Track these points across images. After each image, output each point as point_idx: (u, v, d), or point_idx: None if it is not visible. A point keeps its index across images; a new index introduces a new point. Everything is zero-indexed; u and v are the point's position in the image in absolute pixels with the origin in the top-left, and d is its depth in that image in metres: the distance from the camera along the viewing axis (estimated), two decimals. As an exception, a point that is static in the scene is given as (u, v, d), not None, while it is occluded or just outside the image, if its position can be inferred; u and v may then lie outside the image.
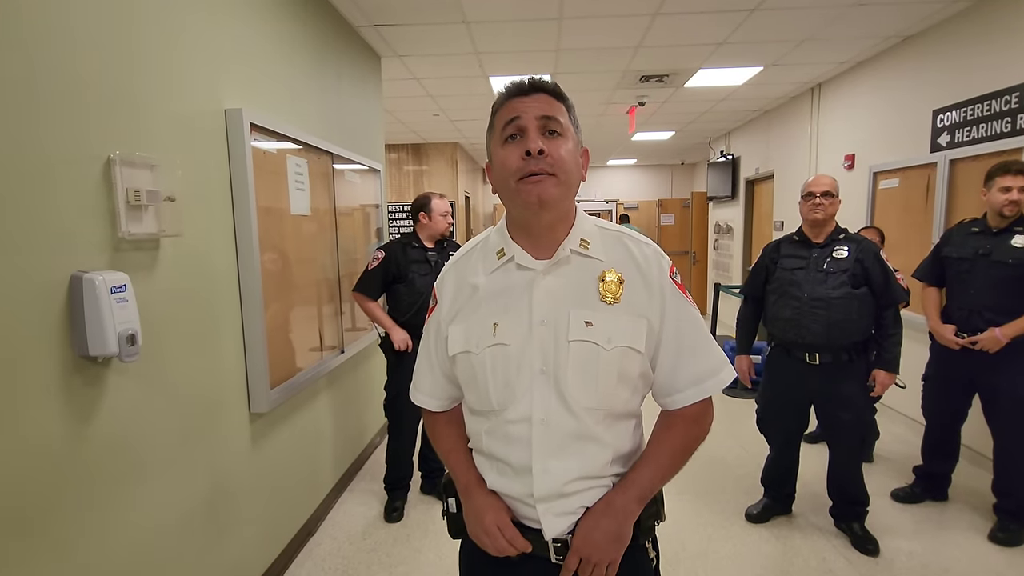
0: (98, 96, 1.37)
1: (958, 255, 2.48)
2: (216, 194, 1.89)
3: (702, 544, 2.47)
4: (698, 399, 0.95)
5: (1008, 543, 2.37)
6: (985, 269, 2.38)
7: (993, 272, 2.36)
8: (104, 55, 1.39)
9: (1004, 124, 2.93)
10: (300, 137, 2.41)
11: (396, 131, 6.61)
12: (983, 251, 2.39)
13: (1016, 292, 2.31)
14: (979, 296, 2.40)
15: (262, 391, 2.06)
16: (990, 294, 2.37)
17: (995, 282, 2.35)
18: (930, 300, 2.62)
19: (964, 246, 2.47)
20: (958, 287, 2.50)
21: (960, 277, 2.48)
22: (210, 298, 1.84)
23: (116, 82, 1.43)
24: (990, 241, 2.39)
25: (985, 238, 2.41)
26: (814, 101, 4.96)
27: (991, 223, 2.42)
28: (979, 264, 2.40)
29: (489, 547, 0.95)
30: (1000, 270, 2.34)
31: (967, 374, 2.48)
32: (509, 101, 0.91)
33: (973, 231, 2.47)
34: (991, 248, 2.37)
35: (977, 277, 2.41)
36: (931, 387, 2.67)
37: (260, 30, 2.19)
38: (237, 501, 1.99)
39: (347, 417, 3.11)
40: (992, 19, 3.01)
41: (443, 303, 1.02)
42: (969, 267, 2.43)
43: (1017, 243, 2.31)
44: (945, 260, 2.55)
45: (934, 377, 2.65)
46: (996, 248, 2.36)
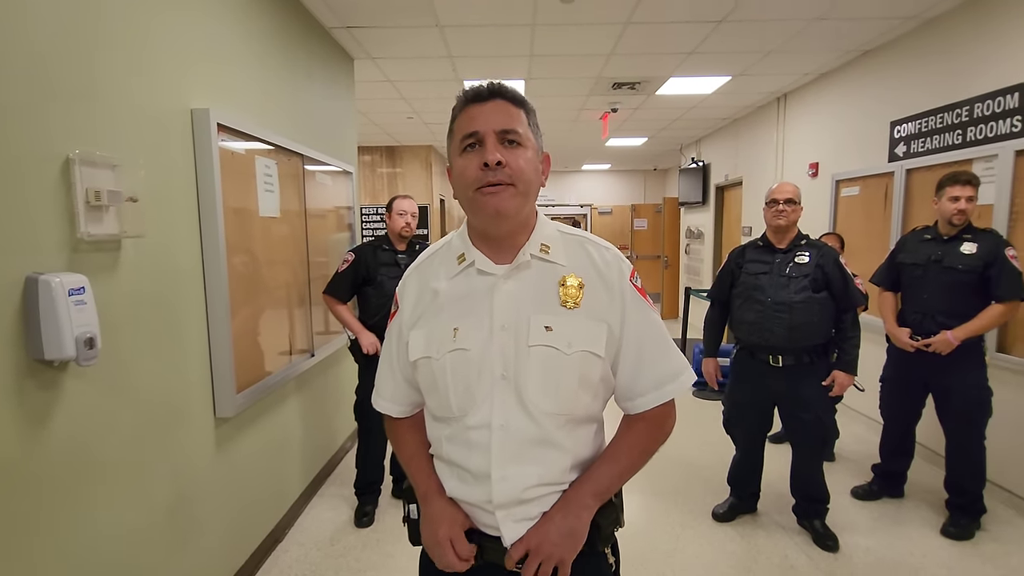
0: (57, 94, 1.34)
1: (912, 261, 2.58)
2: (181, 195, 1.85)
3: (671, 543, 2.52)
4: (659, 403, 0.97)
5: (959, 537, 2.48)
6: (937, 275, 2.47)
7: (944, 277, 2.45)
8: (65, 52, 1.36)
9: (955, 136, 3.07)
10: (269, 138, 2.38)
11: (370, 133, 6.56)
12: (935, 257, 2.48)
13: (966, 296, 2.41)
14: (932, 300, 2.50)
15: (227, 395, 2.03)
16: (942, 298, 2.46)
17: (946, 287, 2.45)
18: (887, 304, 2.70)
19: (917, 252, 2.56)
20: (912, 292, 2.59)
21: (914, 282, 2.57)
22: (174, 301, 1.81)
23: (77, 80, 1.40)
24: (941, 248, 2.48)
25: (936, 245, 2.50)
26: (780, 111, 5.11)
27: (942, 231, 2.51)
28: (931, 270, 2.49)
29: (438, 560, 0.94)
30: (951, 275, 2.43)
31: (922, 375, 2.57)
32: (468, 108, 0.91)
33: (925, 238, 2.57)
34: (942, 255, 2.46)
35: (930, 282, 2.50)
36: (888, 388, 2.77)
37: (229, 29, 2.17)
38: (200, 508, 1.95)
39: (317, 421, 3.08)
40: (944, 36, 3.15)
41: (404, 308, 1.02)
42: (922, 273, 2.53)
43: (966, 250, 2.41)
44: (900, 266, 2.64)
45: (891, 379, 2.75)
46: (947, 255, 2.45)
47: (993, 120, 2.83)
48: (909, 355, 2.57)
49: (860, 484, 2.92)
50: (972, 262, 2.39)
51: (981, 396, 2.46)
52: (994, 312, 2.36)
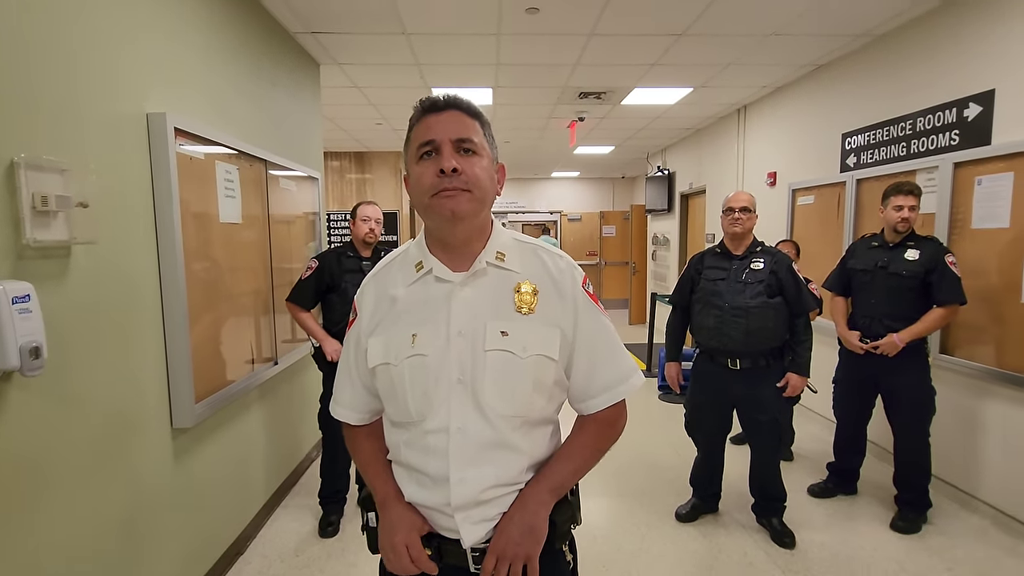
0: (0, 96, 1.30)
1: (861, 267, 2.70)
2: (136, 200, 1.81)
3: (635, 543, 2.56)
4: (611, 403, 1.00)
5: (907, 531, 2.59)
6: (884, 280, 2.59)
7: (891, 283, 2.57)
8: (9, 53, 1.33)
9: (901, 148, 3.23)
10: (230, 143, 2.35)
11: (338, 139, 6.51)
12: (881, 263, 2.61)
13: (910, 300, 2.54)
14: (879, 305, 2.61)
15: (185, 405, 1.98)
16: (889, 303, 2.58)
17: (892, 292, 2.57)
18: (838, 308, 2.83)
19: (866, 259, 2.68)
20: (861, 296, 2.72)
21: (863, 287, 2.70)
22: (128, 309, 1.76)
23: (23, 81, 1.36)
24: (887, 254, 2.60)
25: (883, 251, 2.63)
26: (740, 122, 5.28)
27: (887, 238, 2.64)
28: (879, 275, 2.61)
29: (393, 565, 0.95)
30: (896, 281, 2.55)
31: (871, 376, 2.68)
32: (425, 117, 0.93)
33: (873, 245, 2.69)
34: (888, 261, 2.59)
35: (877, 287, 2.62)
36: (840, 389, 2.89)
37: (188, 33, 2.13)
38: (157, 521, 1.90)
39: (281, 430, 3.02)
40: (890, 54, 3.32)
41: (363, 315, 1.03)
42: (870, 278, 2.65)
43: (910, 256, 2.54)
44: (850, 272, 2.76)
45: (843, 380, 2.86)
46: (893, 261, 2.58)
47: (934, 133, 3.00)
48: (859, 357, 2.68)
49: (816, 482, 3.02)
50: (915, 268, 2.52)
51: (925, 396, 2.58)
52: (936, 315, 2.50)
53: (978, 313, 2.72)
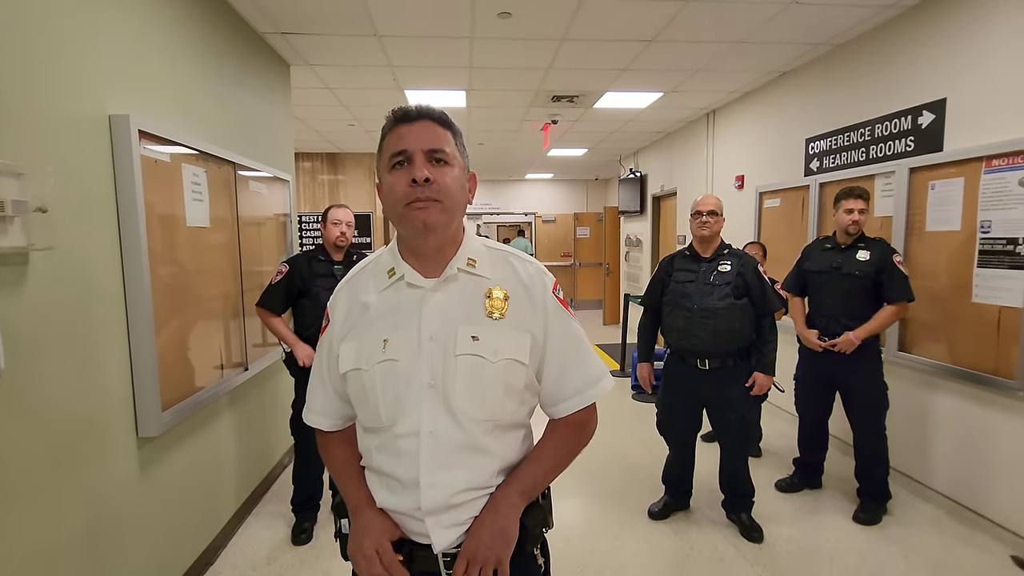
0: (-46, 98, 1.26)
1: (816, 269, 2.80)
2: (99, 205, 1.77)
3: (609, 543, 2.60)
4: (581, 407, 1.02)
5: (868, 522, 2.69)
6: (838, 281, 2.70)
7: (845, 284, 2.68)
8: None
9: (860, 153, 3.36)
10: (197, 145, 2.30)
11: (310, 140, 6.42)
12: (836, 265, 2.71)
13: (864, 300, 2.65)
14: (835, 304, 2.72)
15: (152, 413, 1.94)
16: (844, 302, 2.69)
17: (846, 292, 2.67)
18: (796, 308, 2.93)
19: (820, 261, 2.79)
20: (818, 297, 2.82)
21: (819, 288, 2.80)
22: (90, 316, 1.72)
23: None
24: (840, 256, 2.71)
25: (836, 253, 2.74)
26: (710, 126, 5.40)
27: (840, 240, 2.75)
28: (834, 276, 2.72)
29: (364, 571, 0.95)
30: (850, 281, 2.66)
31: (830, 374, 2.78)
32: (397, 127, 0.94)
33: (826, 247, 2.80)
34: (842, 262, 2.70)
35: (832, 288, 2.72)
36: (800, 387, 2.98)
37: (152, 33, 2.09)
38: (122, 533, 1.85)
39: (252, 437, 2.97)
40: (850, 62, 3.44)
41: (335, 321, 1.03)
42: (826, 279, 2.75)
43: (861, 257, 2.65)
44: (806, 273, 2.86)
45: (803, 378, 2.96)
46: (846, 262, 2.68)
47: (891, 140, 3.12)
48: (817, 355, 2.78)
49: (783, 477, 3.11)
50: (867, 268, 2.63)
51: (879, 391, 2.70)
52: (887, 313, 2.62)
53: (932, 312, 2.84)
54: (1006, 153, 2.45)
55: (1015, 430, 2.47)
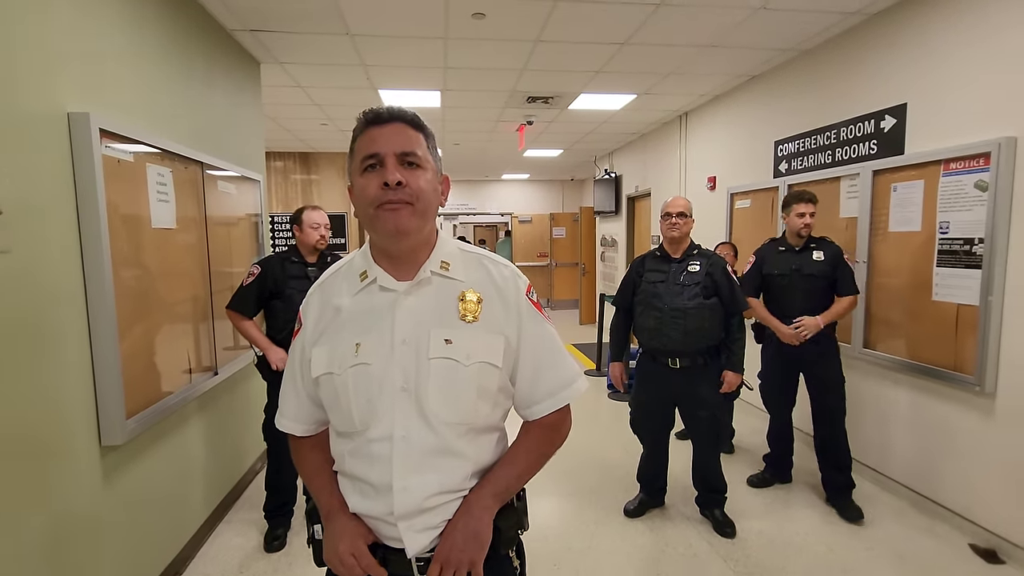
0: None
1: (779, 272, 2.89)
2: (58, 205, 1.70)
3: (585, 541, 2.61)
4: (555, 409, 1.03)
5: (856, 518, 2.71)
6: (800, 282, 2.81)
7: (806, 284, 2.80)
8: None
9: (826, 156, 3.45)
10: (162, 144, 2.24)
11: (282, 139, 6.31)
12: (795, 267, 2.83)
13: (821, 297, 2.80)
14: (797, 304, 2.82)
15: (116, 421, 1.88)
16: (805, 301, 2.81)
17: (808, 292, 2.80)
18: (762, 307, 2.98)
19: (779, 263, 2.89)
20: (779, 298, 2.90)
21: (782, 290, 2.89)
22: (49, 320, 1.66)
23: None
24: (797, 258, 2.84)
25: (792, 255, 2.85)
26: (682, 128, 5.48)
27: (792, 242, 2.88)
28: (795, 278, 2.83)
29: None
30: (811, 282, 2.79)
31: (795, 369, 2.93)
32: (368, 129, 0.93)
33: (780, 250, 2.90)
34: (801, 264, 2.82)
35: (795, 289, 2.83)
36: (767, 385, 3.08)
37: (113, 29, 2.03)
38: (84, 545, 1.79)
39: (222, 443, 2.91)
40: (816, 67, 3.53)
41: (307, 325, 1.02)
42: (788, 281, 2.85)
43: (816, 257, 2.80)
44: (768, 277, 2.94)
45: (769, 375, 3.05)
46: (804, 264, 2.81)
47: (855, 143, 3.21)
48: (783, 352, 2.89)
49: (754, 473, 3.18)
50: (824, 268, 2.78)
51: (841, 380, 2.85)
52: (844, 303, 2.79)
53: (895, 310, 2.94)
54: (963, 156, 2.55)
55: (972, 423, 2.57)
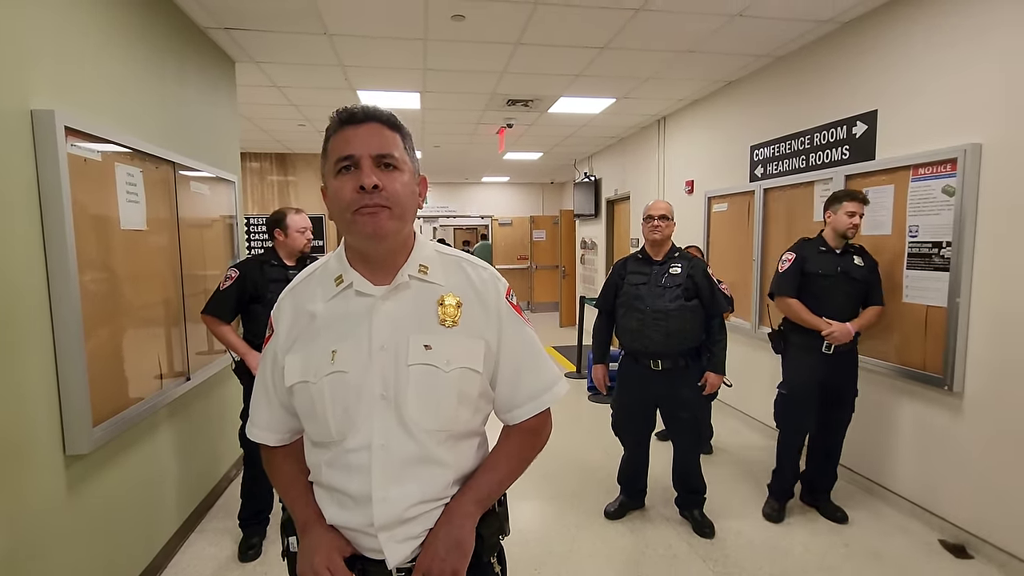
0: None
1: (823, 272, 2.64)
2: (18, 206, 1.64)
3: (566, 544, 2.61)
4: (535, 412, 1.01)
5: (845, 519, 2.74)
6: (844, 285, 2.63)
7: (848, 287, 2.63)
8: None
9: (800, 160, 3.52)
10: (132, 143, 2.18)
11: (258, 139, 6.20)
12: (843, 268, 2.63)
13: (857, 302, 2.68)
14: (838, 307, 2.63)
15: (81, 430, 1.81)
16: (847, 304, 2.65)
17: (849, 296, 2.65)
18: (800, 306, 2.67)
19: (824, 264, 2.65)
20: (818, 300, 2.65)
21: (824, 292, 2.64)
22: (9, 325, 1.59)
23: None
24: (840, 260, 2.65)
25: (835, 257, 2.66)
26: (660, 132, 5.54)
27: (833, 244, 2.66)
28: (840, 280, 2.63)
29: None
30: (854, 286, 2.64)
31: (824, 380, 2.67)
32: (342, 129, 0.90)
33: (821, 250, 2.68)
34: (845, 266, 2.64)
35: (838, 292, 2.63)
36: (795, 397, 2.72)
37: (80, 24, 1.96)
38: (47, 559, 1.72)
39: (195, 450, 2.83)
40: (790, 74, 3.60)
41: (279, 332, 0.99)
42: (831, 283, 2.63)
43: (857, 262, 2.66)
44: (810, 276, 2.67)
45: (801, 385, 2.71)
46: (847, 266, 2.64)
47: (829, 148, 3.28)
48: (821, 361, 2.64)
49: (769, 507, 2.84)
50: (864, 274, 2.65)
51: (855, 394, 2.75)
52: (873, 312, 2.68)
53: (868, 312, 3.00)
54: (931, 162, 2.62)
55: (942, 421, 2.63)
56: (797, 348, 2.74)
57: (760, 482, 3.16)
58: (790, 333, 2.77)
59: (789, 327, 2.78)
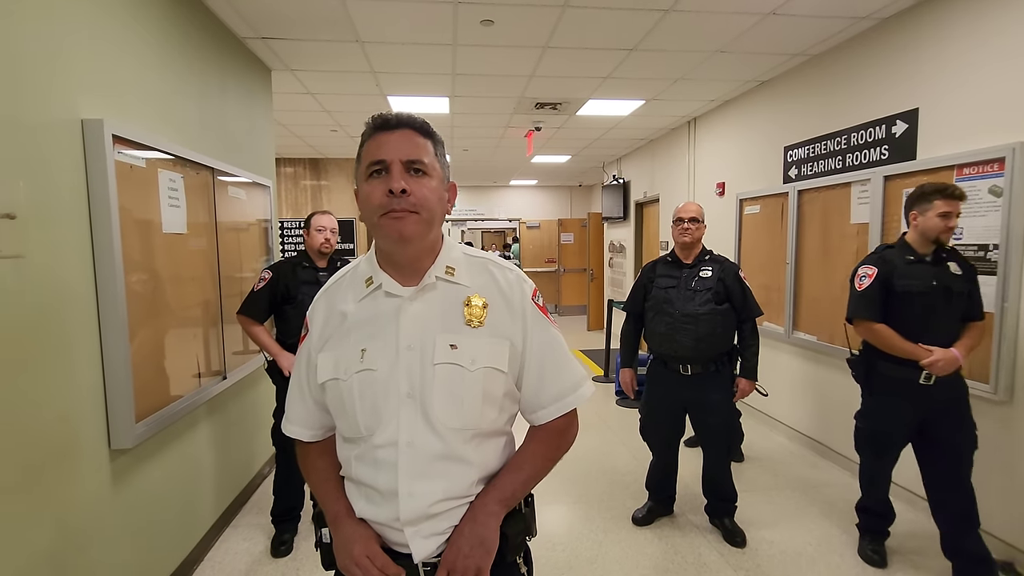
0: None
1: (919, 288, 2.12)
2: (71, 211, 1.72)
3: (593, 550, 2.59)
4: (561, 414, 1.02)
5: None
6: (942, 300, 2.12)
7: (949, 303, 2.13)
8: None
9: (836, 161, 3.42)
10: (174, 150, 2.27)
11: (292, 145, 6.37)
12: (944, 282, 2.13)
13: (957, 320, 2.18)
14: (939, 328, 2.14)
15: (125, 425, 1.89)
16: (949, 325, 2.15)
17: (949, 315, 2.15)
18: (894, 334, 2.17)
19: (916, 277, 2.14)
20: (917, 321, 2.14)
21: (923, 311, 2.14)
22: (60, 325, 1.67)
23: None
24: (934, 271, 2.14)
25: (927, 267, 2.14)
26: (691, 133, 5.46)
27: (921, 250, 2.17)
28: (937, 295, 2.12)
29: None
30: (954, 301, 2.13)
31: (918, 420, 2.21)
32: (376, 135, 0.93)
33: (910, 259, 2.18)
34: (942, 278, 2.13)
35: (937, 309, 2.13)
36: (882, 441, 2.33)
37: (129, 36, 2.05)
38: (94, 550, 1.80)
39: (231, 447, 2.92)
40: (826, 72, 3.51)
41: (313, 331, 1.02)
42: (929, 301, 2.12)
43: (955, 271, 2.15)
44: (905, 295, 2.15)
45: (883, 429, 2.30)
46: (945, 278, 2.13)
47: (866, 148, 3.18)
48: (916, 392, 2.16)
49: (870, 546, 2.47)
50: (963, 285, 2.13)
51: (975, 436, 2.22)
52: (977, 331, 2.18)
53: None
54: (977, 162, 2.51)
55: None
56: (886, 380, 2.24)
57: (794, 489, 3.09)
58: (877, 361, 2.27)
59: (875, 354, 2.27)
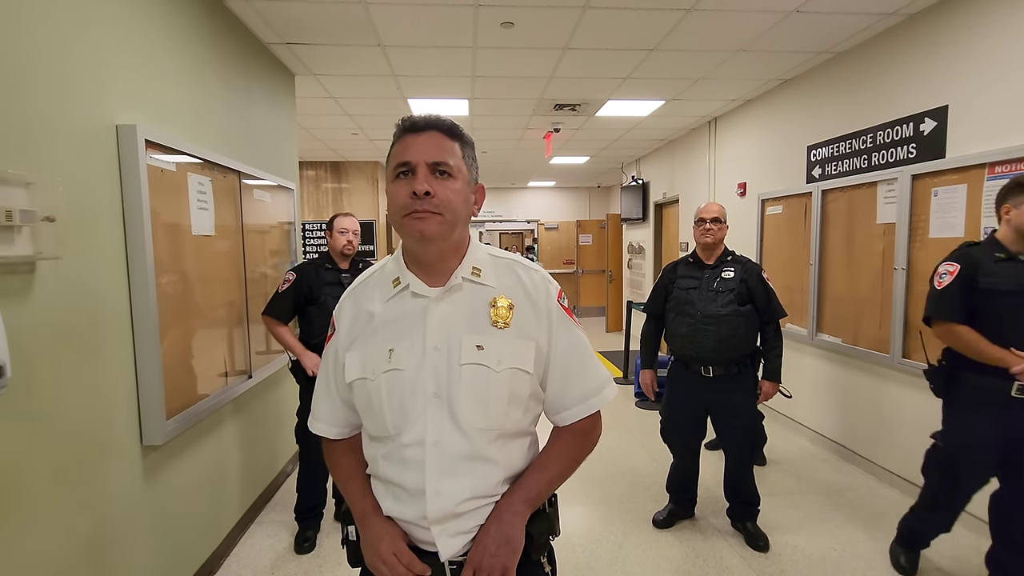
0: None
1: (1008, 287, 1.95)
2: (105, 214, 1.78)
3: (613, 552, 2.58)
4: (585, 415, 1.02)
5: None
6: None
7: None
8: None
9: (862, 160, 3.36)
10: (203, 155, 2.32)
11: (314, 148, 6.46)
12: None
13: None
14: None
15: (156, 422, 1.94)
16: None
17: None
18: (976, 335, 1.99)
19: (1006, 275, 1.96)
20: (1006, 324, 1.96)
21: (1009, 312, 1.96)
22: (95, 325, 1.73)
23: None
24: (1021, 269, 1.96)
25: (1018, 266, 1.96)
26: (711, 133, 5.41)
27: (1013, 247, 1.97)
28: None
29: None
30: None
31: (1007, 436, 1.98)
32: (404, 137, 0.95)
33: (999, 257, 1.99)
34: None
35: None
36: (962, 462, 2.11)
37: (159, 45, 2.11)
38: (126, 543, 1.85)
39: (256, 445, 2.97)
40: (851, 70, 3.45)
41: (340, 331, 1.04)
42: (1020, 300, 1.94)
43: None
44: (984, 293, 1.98)
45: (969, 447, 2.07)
46: None
47: (893, 147, 3.12)
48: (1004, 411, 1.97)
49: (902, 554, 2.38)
50: None
51: None
52: None
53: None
54: (1009, 160, 2.45)
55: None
56: (971, 392, 2.06)
57: (817, 493, 3.03)
58: (960, 371, 2.08)
59: (959, 363, 2.08)
